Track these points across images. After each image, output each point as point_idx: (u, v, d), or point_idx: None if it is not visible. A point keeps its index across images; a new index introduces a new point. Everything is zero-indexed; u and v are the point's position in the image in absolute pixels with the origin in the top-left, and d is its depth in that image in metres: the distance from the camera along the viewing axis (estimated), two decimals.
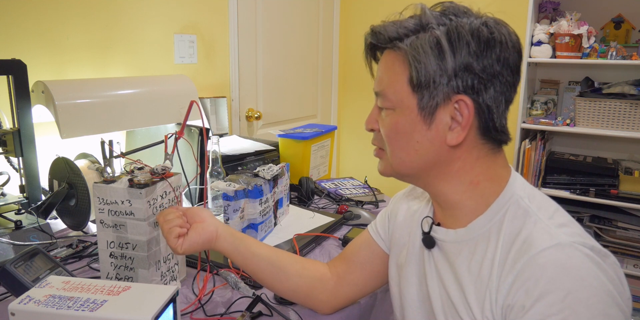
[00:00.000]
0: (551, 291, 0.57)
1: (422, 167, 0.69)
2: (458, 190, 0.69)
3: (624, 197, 2.14)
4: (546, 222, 0.63)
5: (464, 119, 0.64)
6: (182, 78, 1.73)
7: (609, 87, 2.16)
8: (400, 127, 0.67)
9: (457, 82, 0.62)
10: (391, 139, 0.69)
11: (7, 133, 1.15)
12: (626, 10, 2.24)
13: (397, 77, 0.66)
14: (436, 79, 0.62)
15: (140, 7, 1.69)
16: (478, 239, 0.68)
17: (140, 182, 0.84)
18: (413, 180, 0.73)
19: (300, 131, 1.74)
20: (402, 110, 0.66)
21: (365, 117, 0.73)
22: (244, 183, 1.13)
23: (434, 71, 0.62)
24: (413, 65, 0.63)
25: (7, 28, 1.34)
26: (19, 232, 1.12)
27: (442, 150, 0.66)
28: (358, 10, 2.84)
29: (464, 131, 0.64)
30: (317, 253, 1.17)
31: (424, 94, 0.64)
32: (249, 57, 2.25)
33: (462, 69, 0.62)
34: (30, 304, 0.65)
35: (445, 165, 0.68)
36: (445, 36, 0.62)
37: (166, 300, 0.68)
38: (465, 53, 0.61)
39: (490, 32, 0.62)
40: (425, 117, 0.65)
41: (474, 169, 0.68)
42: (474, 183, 0.68)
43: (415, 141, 0.67)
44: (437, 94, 0.63)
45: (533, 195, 0.68)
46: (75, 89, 1.36)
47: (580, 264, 0.58)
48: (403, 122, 0.67)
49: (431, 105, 0.64)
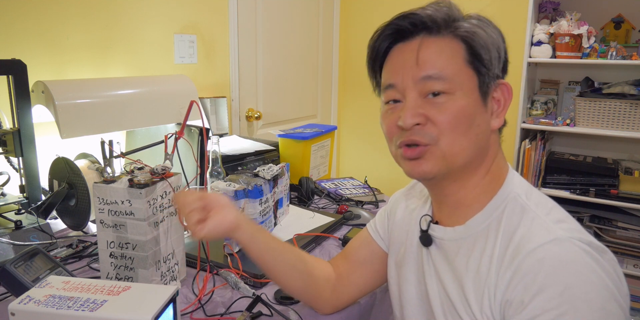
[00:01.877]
0: (549, 286, 0.57)
1: (475, 154, 0.67)
2: (472, 185, 0.70)
3: (624, 197, 2.14)
4: (544, 218, 0.64)
5: (505, 101, 0.68)
6: (182, 78, 1.73)
7: (609, 87, 2.15)
8: (464, 111, 0.65)
9: (502, 66, 0.68)
10: (454, 125, 0.64)
11: (7, 133, 1.15)
12: (626, 10, 2.24)
13: (455, 59, 0.65)
14: (493, 61, 0.66)
15: (140, 7, 1.69)
16: (476, 236, 0.68)
17: (140, 182, 0.84)
18: (453, 175, 0.68)
19: (300, 131, 1.74)
20: (463, 92, 0.65)
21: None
22: (244, 183, 1.13)
23: (495, 52, 0.67)
24: (481, 46, 0.65)
25: (7, 28, 1.34)
26: (19, 232, 1.12)
27: (489, 135, 0.69)
28: (358, 10, 2.84)
29: (504, 113, 0.69)
30: (317, 253, 1.17)
31: (484, 74, 0.66)
32: (249, 57, 2.25)
33: (505, 55, 0.68)
34: (30, 304, 0.65)
35: (485, 153, 0.70)
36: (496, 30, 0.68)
37: (166, 300, 0.68)
38: (502, 42, 0.68)
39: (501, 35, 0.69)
40: (483, 98, 0.67)
41: (495, 159, 0.71)
42: (490, 173, 0.70)
43: (477, 125, 0.66)
44: (491, 75, 0.67)
45: (530, 193, 0.69)
46: (75, 89, 1.36)
47: (578, 258, 0.58)
48: (467, 105, 0.65)
49: (487, 86, 0.67)
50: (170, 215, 0.91)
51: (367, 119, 2.94)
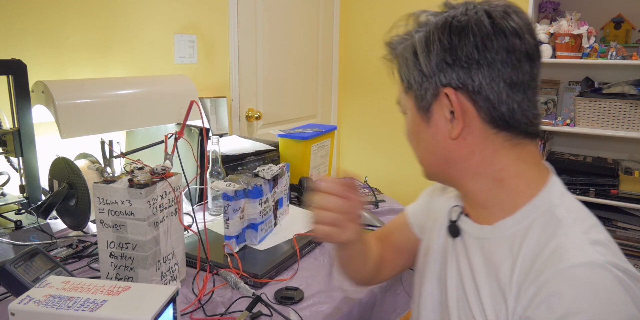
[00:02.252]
0: (576, 312, 0.54)
1: (439, 164, 0.69)
2: (483, 188, 0.68)
3: (624, 197, 2.14)
4: (580, 236, 0.60)
5: (455, 110, 0.64)
6: (182, 78, 1.73)
7: (609, 87, 2.15)
8: (410, 128, 0.71)
9: (439, 78, 0.64)
10: (409, 141, 0.73)
11: (7, 133, 1.15)
12: (626, 10, 2.24)
13: (398, 84, 0.71)
14: (417, 79, 0.66)
15: (140, 7, 1.69)
16: (501, 240, 0.66)
17: (140, 182, 0.84)
18: (442, 179, 0.73)
19: (300, 131, 1.74)
20: (409, 113, 0.71)
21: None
22: (244, 183, 1.13)
23: (414, 73, 0.66)
24: (400, 72, 0.69)
25: (7, 28, 1.34)
26: (19, 232, 1.12)
27: (449, 145, 0.67)
28: (358, 10, 2.84)
29: (460, 122, 0.64)
30: (317, 253, 1.17)
31: (414, 94, 0.68)
32: (249, 57, 2.25)
33: (439, 65, 0.64)
34: (30, 304, 0.65)
35: (461, 160, 0.67)
36: (421, 39, 0.65)
37: (166, 300, 0.68)
38: (439, 49, 0.63)
39: (464, 20, 0.62)
40: (423, 115, 0.68)
41: (494, 164, 0.66)
42: (498, 180, 0.66)
43: (423, 139, 0.69)
44: (424, 92, 0.66)
45: (570, 206, 0.64)
46: (75, 89, 1.36)
47: (610, 286, 0.55)
48: (410, 123, 0.71)
49: (425, 104, 0.67)
50: (170, 215, 0.92)
51: (367, 119, 2.94)
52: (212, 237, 1.18)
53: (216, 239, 1.17)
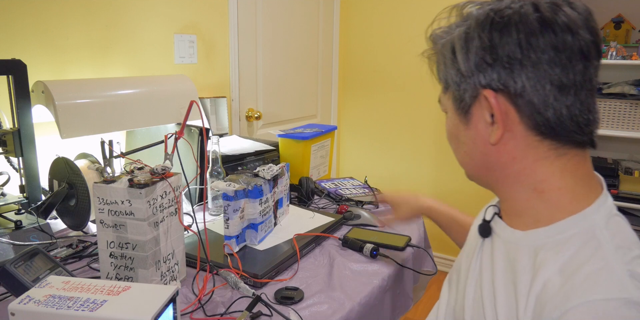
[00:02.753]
0: None
1: (479, 168, 0.66)
2: (522, 198, 0.63)
3: (624, 197, 2.14)
4: (621, 265, 0.53)
5: (495, 113, 0.59)
6: (182, 78, 1.73)
7: (609, 87, 2.16)
8: (449, 130, 0.69)
9: (478, 79, 0.59)
10: (449, 142, 0.70)
11: (7, 133, 1.15)
12: (626, 10, 2.24)
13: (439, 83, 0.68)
14: (454, 79, 0.62)
15: (140, 7, 1.69)
16: (527, 250, 0.61)
17: (140, 182, 0.84)
18: (482, 183, 0.69)
19: (300, 131, 1.74)
20: (449, 113, 0.68)
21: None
22: (244, 183, 1.13)
23: (452, 73, 0.62)
24: (438, 71, 0.65)
25: (7, 28, 1.34)
26: (19, 232, 1.12)
27: (489, 150, 0.63)
28: (358, 10, 2.84)
29: (500, 126, 0.59)
30: (317, 253, 1.17)
31: (452, 94, 0.64)
32: (249, 57, 2.25)
33: (478, 64, 0.59)
34: (30, 304, 0.65)
35: (502, 167, 0.63)
36: (461, 36, 0.60)
37: (166, 300, 0.68)
38: (478, 47, 0.58)
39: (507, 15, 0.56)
40: (462, 117, 0.64)
41: (536, 174, 0.61)
42: (538, 191, 0.61)
43: (462, 142, 0.66)
44: (463, 93, 0.62)
45: (618, 230, 0.58)
46: (75, 89, 1.36)
47: None
48: (450, 124, 0.68)
49: (463, 105, 0.63)
50: (170, 215, 0.92)
51: (367, 119, 2.94)
52: (212, 237, 1.19)
53: (216, 239, 1.17)
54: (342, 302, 0.95)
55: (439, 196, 2.77)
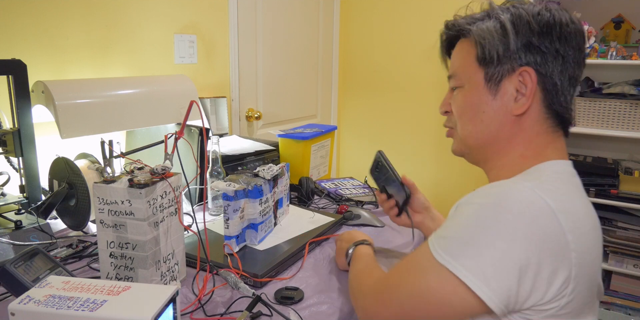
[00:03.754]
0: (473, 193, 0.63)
1: (487, 138, 0.75)
2: (509, 164, 0.73)
3: (624, 197, 2.14)
4: (538, 179, 0.66)
5: (527, 88, 0.70)
6: (182, 78, 1.73)
7: (609, 87, 2.16)
8: (469, 100, 0.75)
9: (521, 56, 0.70)
10: (461, 113, 0.77)
11: (7, 133, 1.15)
12: (626, 10, 2.24)
13: (467, 57, 0.75)
14: (500, 53, 0.71)
15: (140, 7, 1.69)
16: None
17: (140, 182, 0.84)
18: (479, 155, 0.78)
19: (300, 131, 1.74)
20: (470, 85, 0.75)
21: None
22: (244, 183, 1.13)
23: (499, 46, 0.71)
24: (479, 43, 0.72)
25: (7, 28, 1.34)
26: (19, 232, 1.12)
27: (507, 120, 0.72)
28: (358, 10, 2.84)
29: (528, 100, 0.70)
30: (317, 253, 1.17)
31: (489, 67, 0.72)
32: (249, 57, 2.25)
33: (525, 45, 0.70)
34: (30, 304, 0.65)
35: (508, 137, 0.73)
36: (509, 19, 0.71)
37: (166, 300, 0.68)
38: (527, 31, 0.70)
39: (551, 15, 0.70)
40: (491, 88, 0.73)
41: (531, 144, 0.72)
42: (523, 157, 0.72)
43: (482, 111, 0.74)
44: (502, 66, 0.71)
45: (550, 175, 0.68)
46: (75, 89, 1.36)
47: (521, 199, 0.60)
48: (471, 95, 0.75)
49: (497, 77, 0.72)
50: (170, 215, 0.92)
51: (367, 119, 2.94)
52: (212, 237, 1.19)
53: (216, 239, 1.17)
54: (342, 302, 0.95)
55: (439, 196, 2.78)
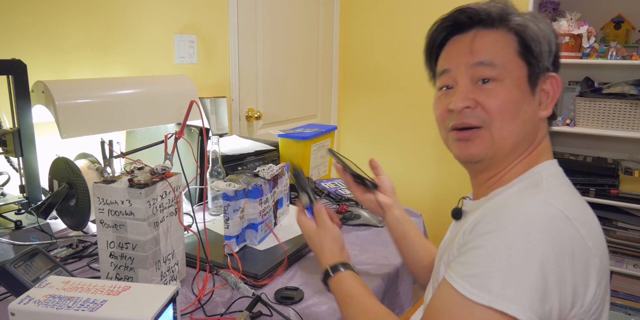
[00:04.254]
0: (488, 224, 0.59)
1: (521, 139, 0.71)
2: (513, 166, 0.72)
3: (624, 197, 2.14)
4: (545, 188, 0.64)
5: (554, 93, 0.71)
6: (182, 78, 1.73)
7: (609, 87, 2.15)
8: (513, 97, 0.69)
9: (552, 60, 0.71)
10: (502, 110, 0.69)
11: (7, 133, 1.15)
12: (626, 10, 2.24)
13: (507, 49, 0.70)
14: (544, 53, 0.70)
15: (140, 7, 1.69)
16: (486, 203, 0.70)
17: (140, 182, 0.84)
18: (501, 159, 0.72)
19: (300, 131, 1.74)
20: (512, 80, 0.69)
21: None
22: (244, 183, 1.13)
23: (546, 46, 0.70)
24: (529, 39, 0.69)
25: (7, 28, 1.34)
26: (19, 232, 1.12)
27: (539, 123, 0.72)
28: (358, 10, 2.84)
29: (552, 104, 0.72)
30: None
31: (533, 64, 0.70)
32: (249, 57, 2.25)
33: (556, 49, 0.71)
34: (30, 304, 0.65)
35: (533, 139, 0.72)
36: (541, 19, 0.71)
37: (166, 300, 0.68)
38: (554, 37, 0.71)
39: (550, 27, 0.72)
40: (531, 88, 0.70)
41: (540, 145, 0.73)
42: (524, 160, 0.72)
43: (524, 111, 0.70)
44: (541, 67, 0.70)
45: (554, 177, 0.68)
46: (75, 89, 1.36)
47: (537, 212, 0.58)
48: (515, 92, 0.69)
49: (536, 77, 0.70)
50: (170, 215, 0.92)
51: (367, 119, 2.94)
52: (212, 237, 1.18)
53: (216, 239, 1.17)
54: None
55: (439, 196, 2.78)
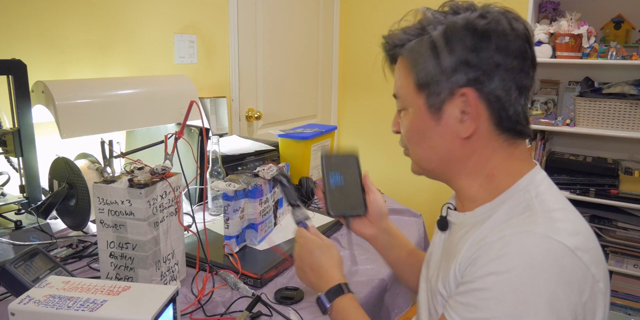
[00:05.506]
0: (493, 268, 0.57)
1: (439, 161, 0.71)
2: (475, 184, 0.70)
3: (624, 197, 2.14)
4: (539, 214, 0.61)
5: (471, 110, 0.65)
6: (182, 78, 1.73)
7: (609, 87, 2.15)
8: (414, 125, 0.71)
9: (458, 77, 0.64)
10: (409, 137, 0.73)
11: (7, 133, 1.15)
12: (626, 10, 2.24)
13: (405, 80, 0.70)
14: (436, 77, 0.66)
15: (140, 7, 1.69)
16: (475, 223, 0.68)
17: (140, 182, 0.84)
18: (435, 176, 0.75)
19: (300, 131, 1.74)
20: (413, 109, 0.70)
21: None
22: (244, 183, 1.13)
23: (433, 71, 0.66)
24: (414, 68, 0.68)
25: (7, 28, 1.34)
26: (19, 232, 1.12)
27: (455, 144, 0.68)
28: (358, 10, 2.84)
29: (473, 122, 0.66)
30: None
31: (428, 93, 0.67)
32: (249, 57, 2.25)
33: (460, 65, 0.64)
34: (30, 304, 0.65)
35: (462, 159, 0.69)
36: (441, 36, 0.65)
37: (166, 300, 0.68)
38: (462, 49, 0.64)
39: (486, 23, 0.64)
40: (433, 114, 0.68)
41: (490, 162, 0.69)
42: (490, 176, 0.69)
43: (428, 137, 0.70)
44: (440, 91, 0.66)
45: (544, 192, 0.66)
46: (75, 89, 1.36)
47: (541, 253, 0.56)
48: (415, 120, 0.70)
49: (437, 102, 0.67)
50: (170, 215, 0.92)
51: (367, 119, 2.94)
52: (212, 237, 1.18)
53: (216, 239, 1.17)
54: None
55: (438, 196, 2.77)
